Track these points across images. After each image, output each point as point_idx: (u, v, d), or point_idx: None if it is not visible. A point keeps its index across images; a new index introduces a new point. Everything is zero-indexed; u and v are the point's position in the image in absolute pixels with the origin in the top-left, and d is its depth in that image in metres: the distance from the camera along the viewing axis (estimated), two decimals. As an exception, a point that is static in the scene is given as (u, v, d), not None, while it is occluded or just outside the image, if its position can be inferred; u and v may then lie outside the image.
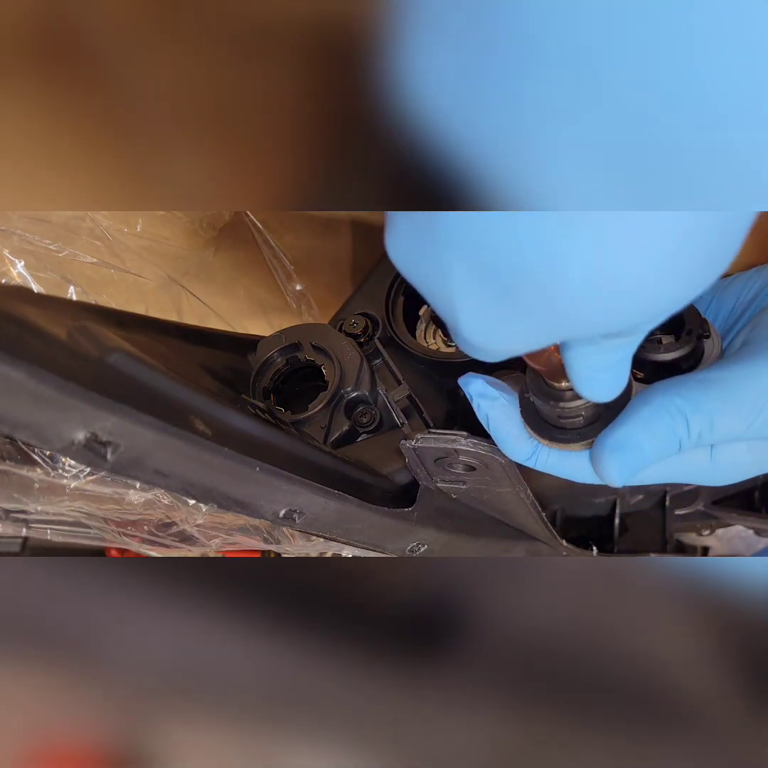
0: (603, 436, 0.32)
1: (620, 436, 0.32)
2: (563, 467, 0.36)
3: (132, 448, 0.28)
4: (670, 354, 0.36)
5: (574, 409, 0.32)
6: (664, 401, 0.31)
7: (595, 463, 0.33)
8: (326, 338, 0.50)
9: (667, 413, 0.31)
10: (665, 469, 0.34)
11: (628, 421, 0.32)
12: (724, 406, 0.31)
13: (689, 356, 0.36)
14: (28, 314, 0.27)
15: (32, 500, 0.61)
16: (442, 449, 0.40)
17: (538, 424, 0.34)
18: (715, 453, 0.34)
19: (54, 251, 0.58)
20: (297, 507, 0.37)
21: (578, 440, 0.33)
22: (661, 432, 0.31)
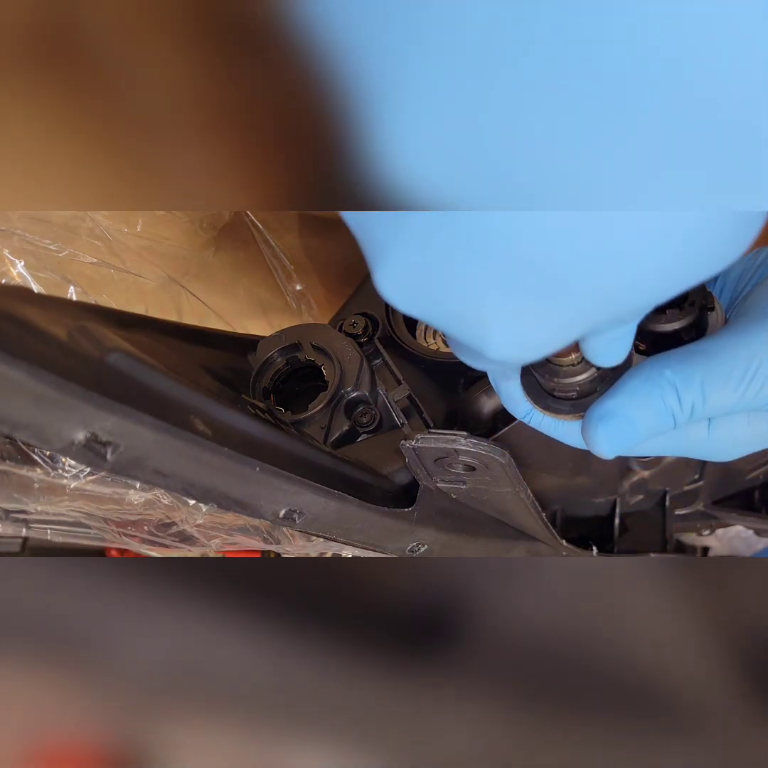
0: (593, 407, 0.32)
1: (609, 406, 0.32)
2: (556, 431, 0.37)
3: (132, 448, 0.28)
4: (672, 325, 0.36)
5: (570, 384, 0.33)
6: (653, 373, 0.31)
7: (585, 433, 0.33)
8: (326, 338, 0.50)
9: (656, 385, 0.31)
10: (664, 442, 0.34)
11: (617, 393, 0.32)
12: (714, 377, 0.31)
13: (691, 327, 0.36)
14: (28, 314, 0.27)
15: (32, 500, 0.61)
16: (442, 449, 0.40)
17: (535, 391, 0.35)
18: (713, 427, 0.34)
19: (54, 251, 0.58)
20: (297, 507, 0.37)
21: (571, 412, 0.34)
22: (650, 404, 0.31)
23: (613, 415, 0.31)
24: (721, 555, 0.85)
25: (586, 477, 0.63)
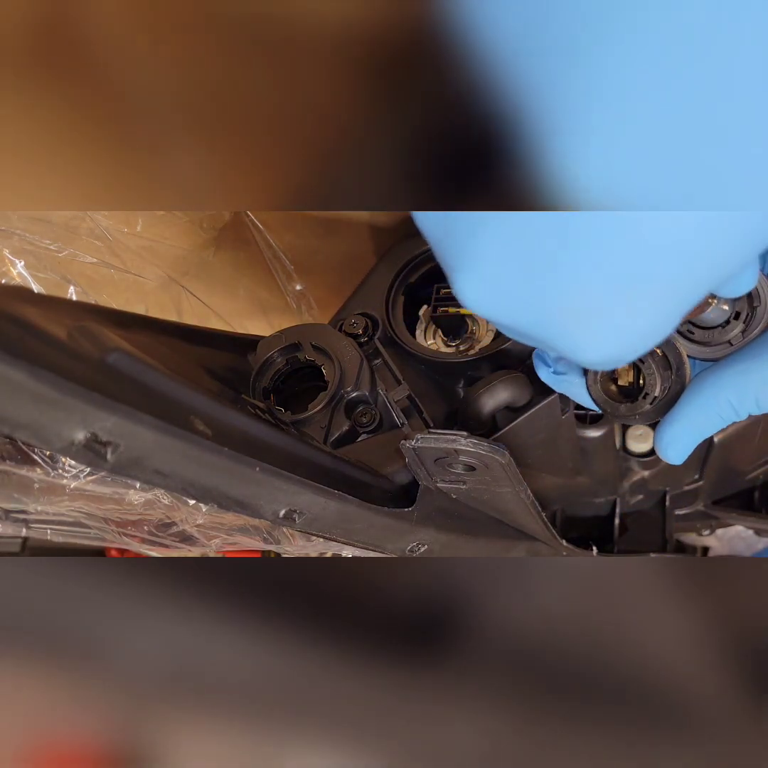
0: (660, 433, 0.38)
1: (675, 432, 0.37)
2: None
3: (132, 448, 0.28)
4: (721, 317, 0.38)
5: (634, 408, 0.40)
6: (709, 399, 0.36)
7: (657, 451, 0.39)
8: (326, 338, 0.50)
9: (713, 407, 0.36)
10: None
11: (678, 419, 0.37)
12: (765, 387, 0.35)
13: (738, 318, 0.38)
14: (28, 314, 0.27)
15: (32, 500, 0.61)
16: (442, 449, 0.40)
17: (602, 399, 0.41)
18: None
19: (54, 251, 0.58)
20: (297, 507, 0.37)
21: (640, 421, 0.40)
22: (709, 422, 0.36)
23: (678, 440, 0.37)
24: (721, 555, 0.85)
25: (586, 477, 0.63)
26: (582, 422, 0.57)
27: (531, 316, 0.24)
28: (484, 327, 0.53)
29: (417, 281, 0.55)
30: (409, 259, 0.55)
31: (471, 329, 0.53)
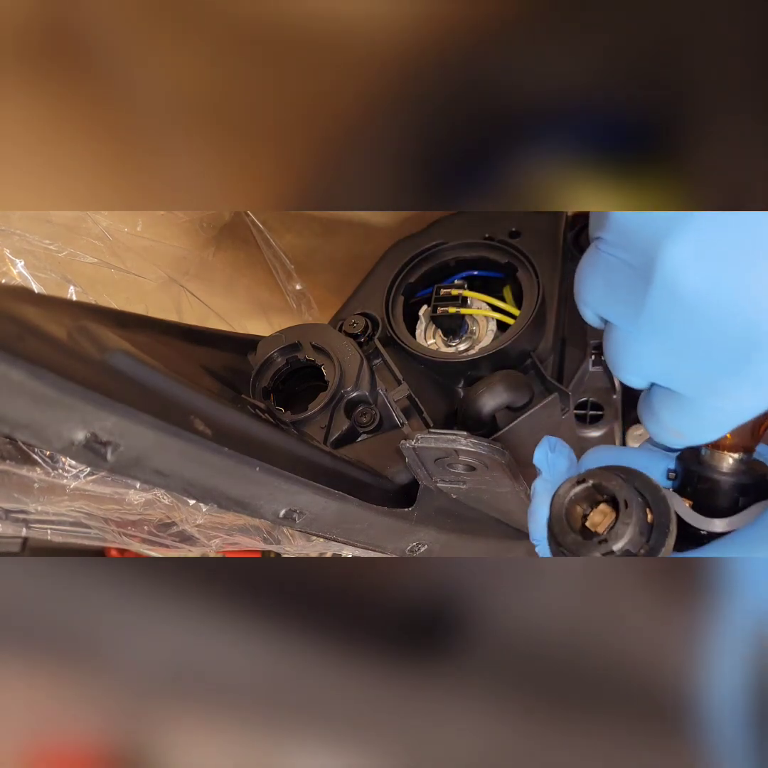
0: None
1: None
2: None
3: (132, 448, 0.28)
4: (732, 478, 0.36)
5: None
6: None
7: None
8: (326, 338, 0.50)
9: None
10: None
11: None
12: None
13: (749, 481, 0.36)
14: (28, 314, 0.27)
15: (32, 500, 0.61)
16: (442, 449, 0.40)
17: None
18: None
19: (54, 251, 0.58)
20: (297, 507, 0.37)
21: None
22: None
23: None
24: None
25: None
26: (582, 422, 0.57)
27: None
28: (484, 327, 0.53)
29: (417, 281, 0.55)
30: (409, 259, 0.55)
31: (471, 329, 0.53)
